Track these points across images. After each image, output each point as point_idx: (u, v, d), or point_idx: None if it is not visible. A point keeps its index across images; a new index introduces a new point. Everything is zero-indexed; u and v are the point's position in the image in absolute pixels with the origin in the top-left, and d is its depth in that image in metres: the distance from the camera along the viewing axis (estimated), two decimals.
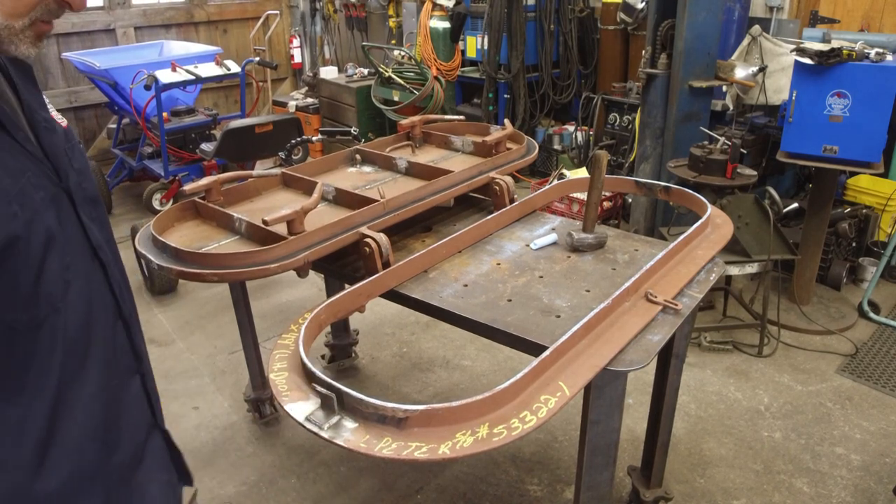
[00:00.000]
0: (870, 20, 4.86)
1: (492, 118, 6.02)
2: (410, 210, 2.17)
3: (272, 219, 1.87)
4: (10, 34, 0.96)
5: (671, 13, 3.94)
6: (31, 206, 1.01)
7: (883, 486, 2.71)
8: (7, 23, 0.95)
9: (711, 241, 2.13)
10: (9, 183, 0.98)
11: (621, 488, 2.71)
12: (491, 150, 2.62)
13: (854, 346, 3.62)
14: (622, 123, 5.43)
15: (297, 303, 4.26)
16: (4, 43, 0.97)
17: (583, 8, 6.02)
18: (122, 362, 1.22)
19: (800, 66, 3.36)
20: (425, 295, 1.91)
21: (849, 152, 3.37)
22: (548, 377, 1.46)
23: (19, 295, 1.00)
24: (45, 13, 0.99)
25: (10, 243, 0.97)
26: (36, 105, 1.11)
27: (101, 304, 1.16)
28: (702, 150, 3.62)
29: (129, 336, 1.25)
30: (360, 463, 2.88)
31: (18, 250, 0.98)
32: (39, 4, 0.98)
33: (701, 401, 3.24)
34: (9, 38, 0.96)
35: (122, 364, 1.22)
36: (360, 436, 1.28)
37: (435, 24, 6.36)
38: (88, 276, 1.13)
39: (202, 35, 7.33)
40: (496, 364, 3.56)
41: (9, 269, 0.98)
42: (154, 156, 5.58)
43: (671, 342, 2.11)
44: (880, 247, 4.24)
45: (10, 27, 0.96)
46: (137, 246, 1.99)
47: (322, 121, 7.20)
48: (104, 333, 1.16)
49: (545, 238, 2.22)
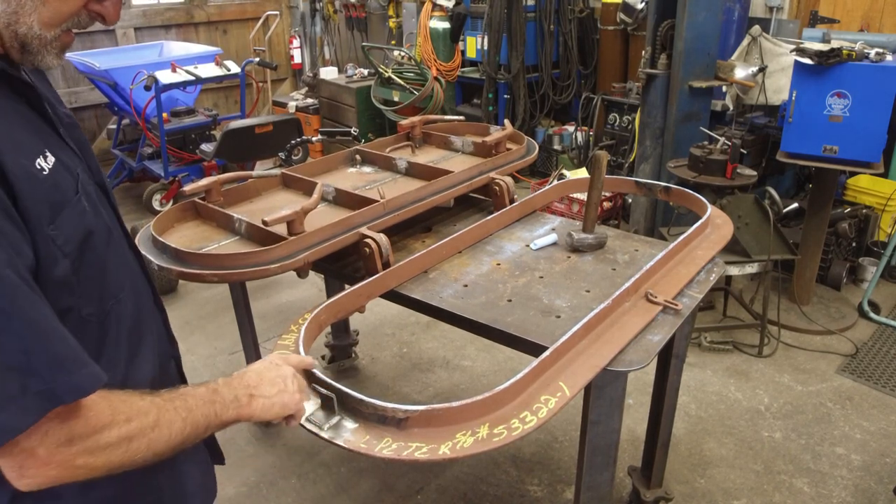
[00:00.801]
0: (870, 20, 4.86)
1: (492, 118, 6.02)
2: (410, 210, 2.17)
3: (272, 219, 1.87)
4: (41, 44, 0.97)
5: (671, 13, 3.94)
6: (92, 201, 1.06)
7: (883, 486, 2.71)
8: (41, 32, 0.95)
9: (711, 241, 2.13)
10: (72, 180, 1.01)
11: (621, 488, 2.71)
12: (491, 151, 2.62)
13: (854, 346, 3.62)
14: (622, 123, 5.43)
15: (297, 303, 4.26)
16: (33, 53, 0.97)
17: (583, 8, 6.02)
18: (163, 347, 1.29)
19: (800, 66, 3.36)
20: (425, 295, 1.91)
21: (849, 152, 3.37)
22: (548, 377, 1.46)
23: (94, 288, 1.05)
24: (76, 24, 1.00)
25: (86, 237, 1.02)
26: (55, 100, 1.13)
27: (144, 293, 1.23)
28: (702, 151, 3.62)
29: (164, 322, 1.33)
30: (360, 463, 2.88)
31: (93, 244, 1.04)
32: (75, 16, 0.98)
33: (701, 401, 3.24)
34: (38, 48, 0.97)
35: (163, 348, 1.29)
36: (360, 436, 1.28)
37: (435, 24, 6.36)
38: (131, 266, 1.20)
39: (202, 35, 7.33)
40: (496, 364, 3.56)
41: (87, 263, 1.02)
42: (154, 156, 5.58)
43: (671, 342, 2.10)
44: (880, 247, 4.24)
45: (43, 37, 0.96)
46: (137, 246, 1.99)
47: (322, 121, 7.20)
48: (148, 320, 1.23)
49: (545, 238, 2.22)
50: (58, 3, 0.95)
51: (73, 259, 0.98)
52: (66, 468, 0.89)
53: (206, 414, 1.05)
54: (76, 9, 0.97)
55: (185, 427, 1.00)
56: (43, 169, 0.94)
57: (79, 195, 1.01)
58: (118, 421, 0.93)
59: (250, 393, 1.14)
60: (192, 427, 1.02)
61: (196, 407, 1.03)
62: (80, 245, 1.00)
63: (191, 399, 1.04)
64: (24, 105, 1.00)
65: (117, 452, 0.93)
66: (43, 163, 0.95)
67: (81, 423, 0.89)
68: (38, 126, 1.02)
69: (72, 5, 0.96)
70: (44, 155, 0.96)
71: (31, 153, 0.94)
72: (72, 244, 0.98)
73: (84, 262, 1.01)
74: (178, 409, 1.01)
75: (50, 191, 0.95)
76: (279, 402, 1.17)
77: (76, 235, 0.99)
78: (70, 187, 1.00)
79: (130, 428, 0.94)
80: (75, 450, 0.89)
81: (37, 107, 1.03)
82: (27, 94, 1.01)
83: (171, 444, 0.99)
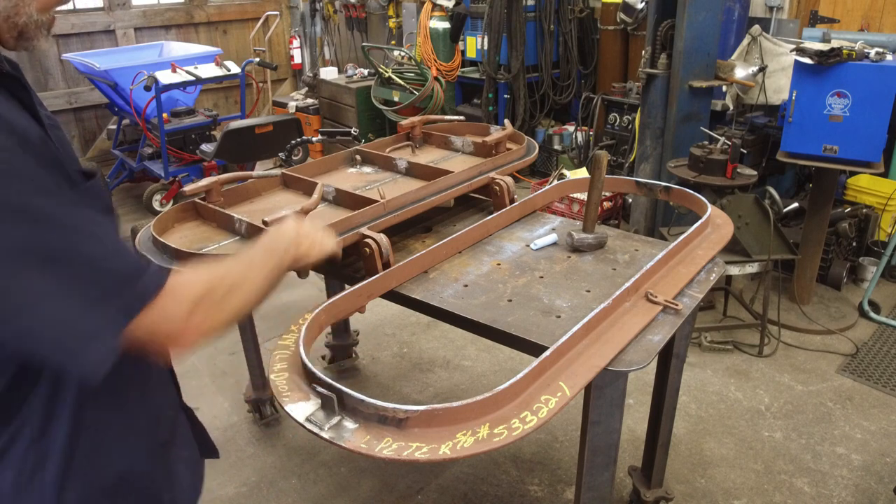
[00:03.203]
0: (870, 20, 4.86)
1: (492, 118, 6.02)
2: (410, 210, 2.17)
3: (272, 219, 1.87)
4: (37, 27, 1.01)
5: (671, 13, 3.94)
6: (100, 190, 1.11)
7: (884, 486, 2.71)
8: (38, 17, 1.00)
9: (711, 241, 2.13)
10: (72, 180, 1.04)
11: (622, 488, 2.71)
12: (491, 151, 2.62)
13: (854, 346, 3.62)
14: (622, 123, 5.43)
15: (298, 303, 4.26)
16: (30, 38, 1.02)
17: (583, 8, 6.02)
18: None
19: (800, 66, 3.36)
20: (426, 295, 1.91)
21: (849, 152, 3.37)
22: (548, 377, 1.46)
23: None
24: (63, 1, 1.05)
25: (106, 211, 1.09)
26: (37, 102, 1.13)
27: None
28: (702, 150, 3.62)
29: None
30: (360, 463, 2.88)
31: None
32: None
33: (701, 401, 3.24)
34: (35, 31, 1.01)
35: None
36: (360, 436, 1.28)
37: (435, 24, 6.36)
38: None
39: (202, 36, 7.33)
40: (496, 364, 3.56)
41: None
42: (154, 157, 5.59)
43: (671, 342, 2.11)
44: (880, 246, 4.24)
45: (39, 21, 1.01)
46: (138, 247, 1.99)
47: (322, 121, 7.20)
48: None
49: (545, 238, 2.22)
50: None
51: None
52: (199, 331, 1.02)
53: (273, 265, 1.19)
54: None
55: (259, 276, 1.15)
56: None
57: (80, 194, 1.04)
58: (213, 282, 1.06)
59: (290, 242, 1.26)
60: (264, 275, 1.16)
61: (262, 262, 1.18)
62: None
63: (255, 257, 1.19)
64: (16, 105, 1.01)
65: (231, 303, 1.07)
66: None
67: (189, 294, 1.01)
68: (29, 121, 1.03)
69: None
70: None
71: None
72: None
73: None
74: (245, 262, 1.16)
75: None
76: (318, 240, 1.34)
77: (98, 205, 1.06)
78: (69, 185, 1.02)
79: (225, 284, 1.07)
80: (199, 318, 1.01)
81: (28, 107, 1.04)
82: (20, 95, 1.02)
83: (259, 289, 1.14)
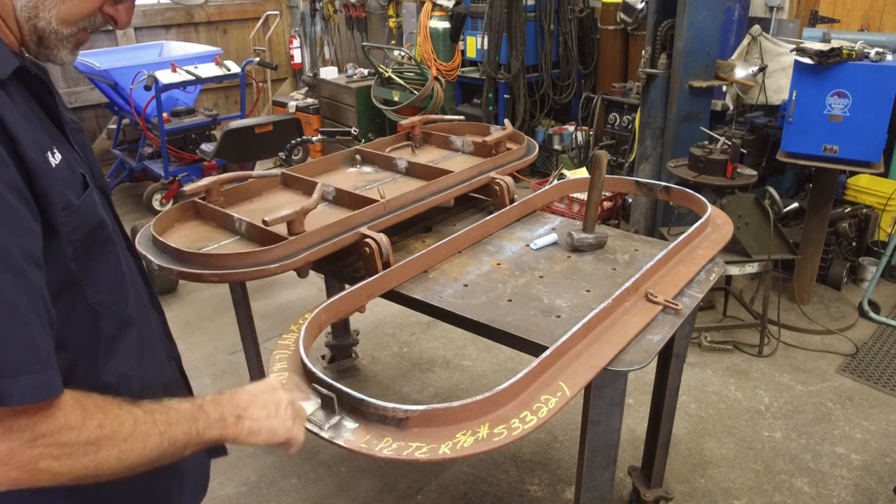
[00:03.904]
0: (870, 20, 4.86)
1: (492, 118, 6.02)
2: (410, 210, 2.17)
3: (272, 219, 1.87)
4: (57, 39, 1.02)
5: (671, 13, 3.94)
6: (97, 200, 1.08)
7: (883, 486, 2.71)
8: (58, 28, 1.01)
9: (711, 241, 2.13)
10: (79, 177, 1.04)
11: (622, 488, 2.71)
12: (491, 151, 2.62)
13: (854, 346, 3.62)
14: (622, 123, 5.43)
15: (298, 303, 4.26)
16: (49, 47, 1.03)
17: (583, 8, 6.02)
18: (163, 346, 1.31)
19: (800, 66, 3.36)
20: (426, 295, 1.91)
21: (849, 152, 3.37)
22: (548, 377, 1.46)
23: (105, 279, 1.08)
24: (90, 24, 1.05)
25: (101, 227, 1.05)
26: (62, 106, 1.15)
27: (143, 294, 1.25)
28: (702, 150, 3.62)
29: (163, 323, 1.35)
30: (360, 463, 2.88)
31: (103, 237, 1.07)
32: (91, 16, 1.04)
33: (701, 401, 3.24)
34: (55, 43, 1.02)
35: (163, 348, 1.31)
36: (360, 436, 1.28)
37: (435, 24, 6.36)
38: (131, 266, 1.22)
39: (202, 35, 7.33)
40: (496, 364, 3.56)
41: (99, 252, 1.06)
42: (154, 156, 5.59)
43: (671, 342, 2.11)
44: (880, 246, 4.24)
45: (59, 33, 1.01)
46: (138, 246, 1.99)
47: (322, 121, 7.20)
48: (148, 320, 1.25)
49: (545, 238, 2.22)
50: (76, 1, 1.00)
51: (78, 247, 1.01)
52: (28, 470, 0.85)
53: (187, 431, 1.01)
54: (92, 9, 1.03)
55: (161, 442, 0.97)
56: (52, 164, 0.98)
57: (90, 188, 1.05)
58: (88, 426, 0.89)
59: (238, 414, 1.09)
60: (169, 443, 0.98)
61: (177, 422, 1.00)
62: (89, 233, 1.03)
63: (173, 414, 1.00)
64: (34, 103, 1.03)
65: (83, 459, 0.89)
66: (51, 158, 0.98)
67: (47, 423, 0.86)
68: (47, 125, 1.05)
69: (89, 5, 1.02)
70: (52, 151, 0.99)
71: (43, 147, 0.97)
72: (80, 232, 1.00)
73: (93, 252, 1.04)
74: (158, 422, 0.97)
75: (59, 181, 0.97)
76: (267, 427, 1.12)
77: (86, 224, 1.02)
78: (78, 182, 1.03)
79: (101, 434, 0.90)
80: (38, 451, 0.85)
81: (46, 106, 1.06)
82: (40, 92, 1.04)
83: (145, 458, 0.95)
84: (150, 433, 0.95)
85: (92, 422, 0.90)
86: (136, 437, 0.94)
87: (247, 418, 1.10)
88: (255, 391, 1.15)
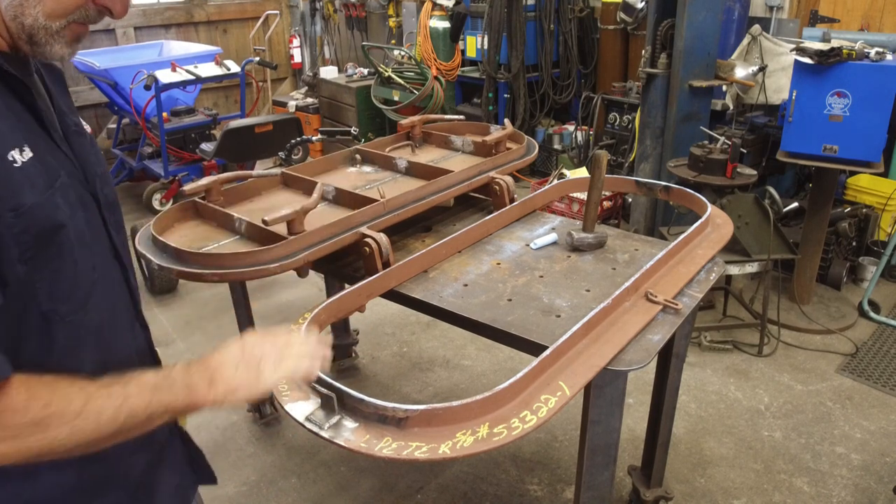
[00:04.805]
0: (870, 20, 4.86)
1: (492, 118, 6.02)
2: (410, 210, 2.17)
3: (272, 219, 1.87)
4: (47, 35, 0.99)
5: (671, 13, 3.94)
6: (69, 203, 1.03)
7: (883, 486, 2.71)
8: (46, 23, 0.97)
9: (711, 240, 2.13)
10: (50, 179, 1.00)
11: (622, 488, 2.71)
12: (491, 150, 2.62)
13: (854, 346, 3.62)
14: (622, 123, 5.43)
15: (297, 303, 4.26)
16: (41, 44, 0.99)
17: (583, 8, 6.02)
18: (144, 363, 1.23)
19: (800, 66, 3.36)
20: (426, 295, 1.91)
21: (849, 152, 3.37)
22: (548, 377, 1.46)
23: (60, 285, 1.02)
24: (83, 17, 1.01)
25: (57, 230, 0.99)
26: (67, 109, 1.13)
27: (122, 306, 1.19)
28: (702, 150, 3.62)
29: (147, 338, 1.29)
30: (360, 463, 2.88)
31: (64, 239, 1.00)
32: (80, 8, 1.00)
33: (701, 400, 3.24)
34: (45, 38, 0.99)
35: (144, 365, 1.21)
36: (360, 436, 1.28)
37: (435, 24, 6.36)
38: (111, 277, 1.16)
39: (202, 35, 7.34)
40: (496, 364, 3.56)
41: (54, 256, 1.00)
42: (154, 156, 5.59)
43: (671, 342, 2.11)
44: (880, 246, 4.24)
45: (48, 28, 0.98)
46: (137, 246, 1.99)
47: (322, 121, 7.20)
48: (125, 334, 1.19)
49: (545, 238, 2.22)
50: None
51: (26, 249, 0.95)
52: None
53: (149, 401, 0.96)
54: (82, 1, 0.99)
55: (117, 415, 0.93)
56: (14, 161, 0.93)
57: (52, 191, 0.99)
58: (33, 407, 0.88)
59: (210, 376, 1.04)
60: (127, 415, 0.94)
61: (137, 394, 0.96)
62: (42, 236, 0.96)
63: (132, 386, 0.97)
64: (16, 101, 1.00)
65: (30, 440, 0.88)
66: (16, 155, 0.94)
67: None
68: (27, 123, 1.01)
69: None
70: (20, 148, 0.95)
71: (9, 144, 0.94)
72: (29, 234, 0.95)
73: (47, 255, 0.98)
74: (113, 395, 0.94)
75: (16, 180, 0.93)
76: (245, 381, 1.05)
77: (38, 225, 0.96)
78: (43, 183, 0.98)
79: (47, 413, 0.89)
80: None
81: (31, 106, 1.03)
82: (21, 92, 1.01)
83: (101, 433, 0.93)
84: (104, 407, 0.93)
85: (37, 402, 0.89)
86: (87, 412, 0.92)
87: (219, 380, 1.04)
88: (228, 351, 1.10)
